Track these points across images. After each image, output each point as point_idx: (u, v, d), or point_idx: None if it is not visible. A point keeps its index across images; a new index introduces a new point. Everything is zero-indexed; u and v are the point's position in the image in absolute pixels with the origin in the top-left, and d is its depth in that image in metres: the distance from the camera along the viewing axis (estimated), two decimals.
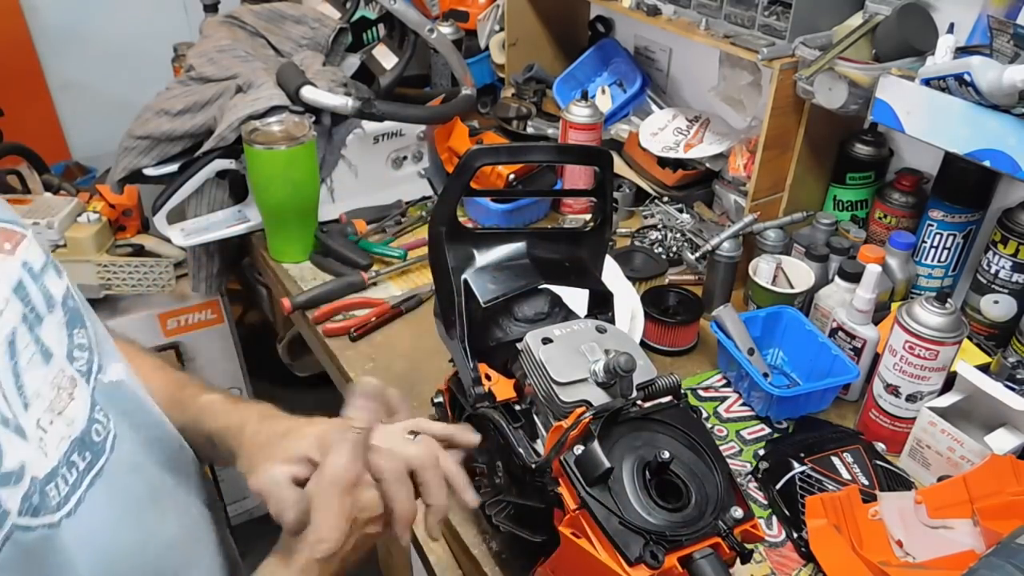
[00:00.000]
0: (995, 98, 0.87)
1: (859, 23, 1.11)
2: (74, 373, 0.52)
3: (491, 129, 1.60)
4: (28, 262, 0.51)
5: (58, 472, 0.48)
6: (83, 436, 0.51)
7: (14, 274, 0.50)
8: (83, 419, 0.51)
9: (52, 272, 0.54)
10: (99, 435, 0.52)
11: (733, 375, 1.12)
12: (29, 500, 0.44)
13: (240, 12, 1.55)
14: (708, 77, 1.52)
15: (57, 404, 0.49)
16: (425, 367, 1.13)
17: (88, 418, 0.52)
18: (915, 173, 1.18)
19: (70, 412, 0.50)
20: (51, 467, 0.47)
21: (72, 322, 0.54)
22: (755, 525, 0.64)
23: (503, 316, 0.80)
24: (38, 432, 0.47)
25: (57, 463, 0.48)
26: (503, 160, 0.95)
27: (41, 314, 0.51)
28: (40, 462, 0.46)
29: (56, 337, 0.52)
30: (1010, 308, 1.07)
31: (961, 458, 0.90)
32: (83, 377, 0.53)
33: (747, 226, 1.21)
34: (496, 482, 0.77)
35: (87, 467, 0.50)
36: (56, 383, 0.50)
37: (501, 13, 1.69)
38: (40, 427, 0.47)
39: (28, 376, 0.47)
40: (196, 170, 1.33)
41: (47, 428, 0.48)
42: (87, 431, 0.51)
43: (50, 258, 0.54)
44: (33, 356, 0.49)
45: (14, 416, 0.45)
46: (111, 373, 0.57)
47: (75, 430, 0.50)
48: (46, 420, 0.48)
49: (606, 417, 0.65)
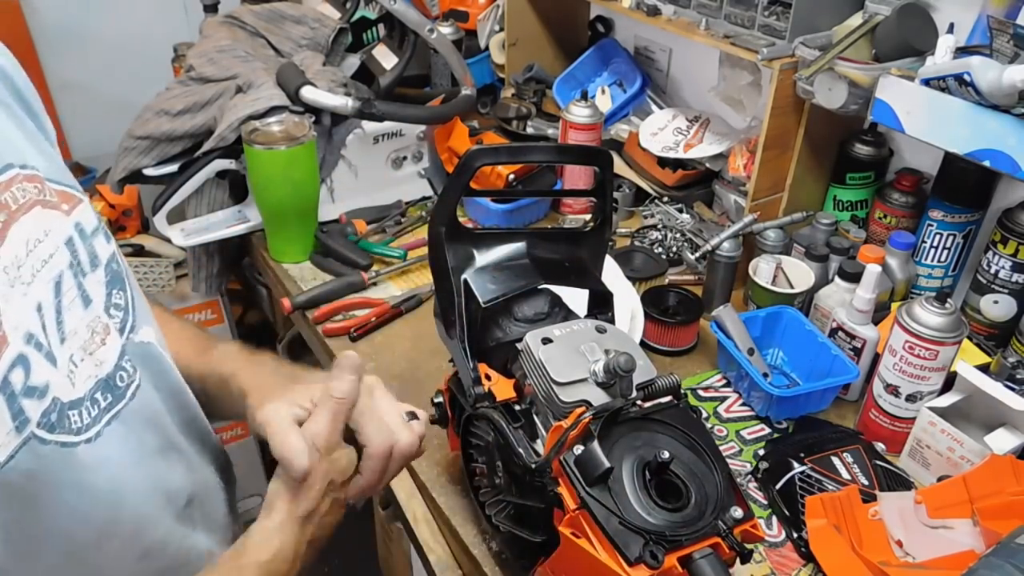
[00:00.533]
0: (995, 98, 0.87)
1: (859, 23, 1.11)
2: (108, 322, 0.57)
3: (491, 129, 1.60)
4: (81, 223, 0.57)
5: (82, 403, 0.52)
6: (108, 378, 0.55)
7: (67, 230, 0.55)
8: (111, 363, 0.56)
9: (102, 236, 0.59)
10: (123, 381, 0.57)
11: (733, 375, 1.12)
12: (48, 416, 0.49)
13: (240, 12, 1.55)
14: (708, 77, 1.52)
15: (90, 345, 0.54)
16: (425, 367, 1.13)
17: (115, 364, 0.56)
18: (915, 173, 1.18)
19: (100, 354, 0.55)
20: (76, 397, 0.52)
21: (112, 283, 0.59)
22: (755, 525, 0.64)
23: (503, 316, 0.80)
24: (69, 365, 0.52)
25: (83, 395, 0.53)
26: (503, 160, 0.95)
27: (86, 270, 0.56)
28: (66, 389, 0.51)
29: (96, 290, 0.57)
30: (1010, 308, 1.07)
31: (961, 458, 0.90)
32: (117, 331, 0.58)
33: (747, 226, 1.21)
34: (496, 482, 0.77)
35: (108, 406, 0.55)
36: (91, 327, 0.55)
37: (501, 13, 1.69)
38: (72, 361, 0.52)
39: (68, 315, 0.52)
40: (196, 170, 1.33)
41: (78, 364, 0.53)
42: (112, 375, 0.56)
43: (102, 224, 0.60)
44: (75, 299, 0.54)
45: (48, 346, 0.50)
46: (142, 334, 0.61)
47: (102, 371, 0.55)
48: (78, 357, 0.53)
49: (606, 417, 0.65)
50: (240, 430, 1.97)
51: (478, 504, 0.83)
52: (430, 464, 0.98)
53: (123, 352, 0.58)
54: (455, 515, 0.91)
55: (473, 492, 0.85)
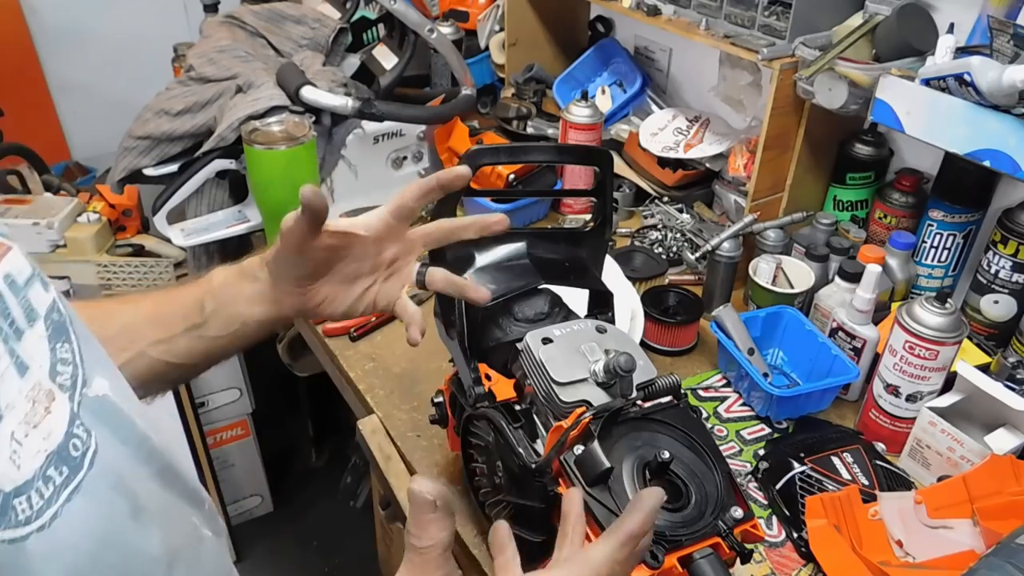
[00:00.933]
0: (995, 98, 0.87)
1: (859, 23, 1.11)
2: (52, 387, 0.51)
3: (491, 129, 1.60)
4: (11, 274, 0.51)
5: (32, 485, 0.47)
6: (59, 450, 0.50)
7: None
8: (60, 432, 0.50)
9: (38, 285, 0.53)
10: (77, 450, 0.51)
11: (733, 375, 1.12)
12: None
13: (240, 12, 1.55)
14: (708, 77, 1.52)
15: (32, 417, 0.48)
16: (425, 367, 1.13)
17: (66, 432, 0.50)
18: (915, 173, 1.18)
19: (47, 425, 0.49)
20: (23, 480, 0.46)
21: (55, 335, 0.53)
22: (755, 525, 0.64)
23: (503, 316, 0.80)
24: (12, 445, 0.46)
25: (32, 476, 0.47)
26: (503, 160, 0.95)
27: (21, 327, 0.50)
28: (10, 474, 0.45)
29: (35, 351, 0.50)
30: (1010, 308, 1.07)
31: (961, 458, 0.90)
32: (66, 392, 0.52)
33: (747, 226, 1.21)
34: (496, 482, 0.77)
35: (64, 482, 0.49)
36: (31, 396, 0.49)
37: (501, 13, 1.69)
38: (15, 439, 0.47)
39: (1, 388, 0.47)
40: (196, 170, 1.33)
41: (22, 441, 0.47)
42: (64, 445, 0.50)
43: (37, 271, 0.54)
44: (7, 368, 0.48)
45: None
46: (95, 387, 0.56)
47: (51, 443, 0.49)
48: (21, 432, 0.47)
49: (606, 417, 0.65)
50: (240, 430, 1.97)
51: (478, 504, 0.83)
52: (430, 464, 0.98)
53: (73, 417, 0.52)
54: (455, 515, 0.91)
55: (473, 492, 0.85)
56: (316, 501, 2.22)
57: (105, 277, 1.49)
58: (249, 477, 2.07)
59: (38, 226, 1.43)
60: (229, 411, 1.91)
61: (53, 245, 1.45)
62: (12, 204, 1.48)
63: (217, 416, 1.90)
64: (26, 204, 1.49)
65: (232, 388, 1.89)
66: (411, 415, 1.05)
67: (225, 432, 1.95)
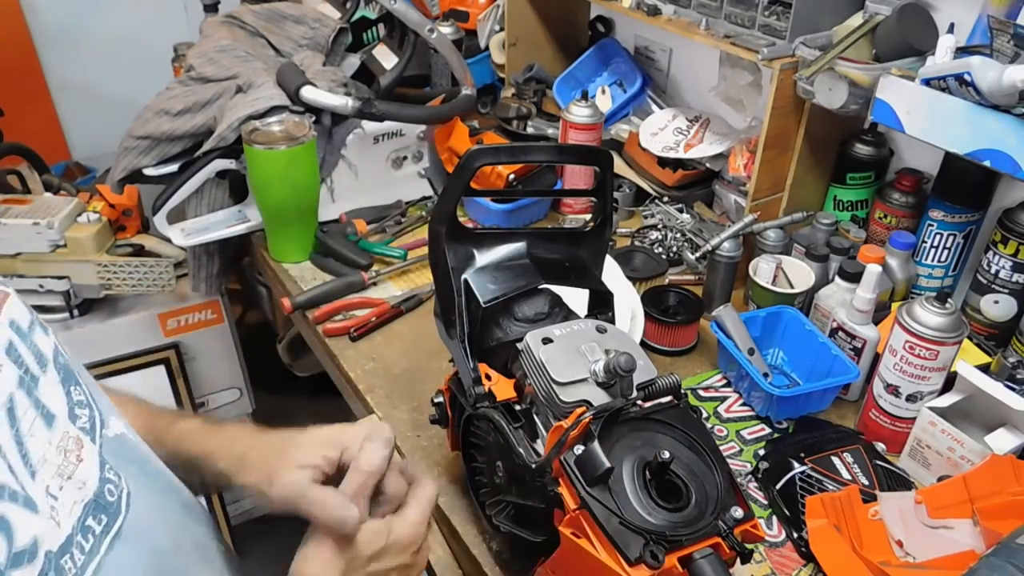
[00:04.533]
0: (995, 98, 0.87)
1: (859, 23, 1.11)
2: (78, 433, 0.50)
3: (491, 129, 1.60)
4: (15, 321, 0.49)
5: (73, 540, 0.45)
6: (96, 498, 0.48)
7: (3, 335, 0.47)
8: (95, 480, 0.49)
9: (39, 330, 0.51)
10: (113, 495, 0.50)
11: (733, 375, 1.12)
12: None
13: (240, 12, 1.55)
14: (708, 77, 1.52)
15: (66, 468, 0.47)
16: (425, 367, 1.13)
17: (99, 479, 0.49)
18: (915, 173, 1.18)
19: (80, 474, 0.48)
20: (65, 536, 0.45)
21: (67, 379, 0.51)
22: (755, 525, 0.64)
23: (503, 316, 0.80)
24: (48, 500, 0.44)
25: (72, 531, 0.45)
26: (503, 160, 0.95)
27: (36, 375, 0.48)
28: (53, 533, 0.44)
29: (55, 397, 0.49)
30: (1010, 308, 1.07)
31: (961, 458, 0.90)
32: (88, 435, 0.51)
33: (747, 226, 1.21)
34: (496, 482, 0.77)
35: (104, 530, 0.48)
36: (62, 446, 0.47)
37: (501, 13, 1.69)
38: (50, 494, 0.45)
39: (32, 442, 0.45)
40: (196, 170, 1.33)
41: (57, 495, 0.45)
42: (100, 492, 0.49)
43: (35, 315, 0.52)
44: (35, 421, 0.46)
45: (22, 488, 0.43)
46: (112, 427, 0.55)
47: (88, 493, 0.48)
48: (55, 486, 0.45)
49: (606, 417, 0.65)
50: None
51: (478, 504, 0.83)
52: (430, 464, 0.98)
53: (103, 462, 0.50)
54: (455, 515, 0.91)
55: (473, 492, 0.85)
56: None
57: (105, 277, 1.49)
58: None
59: (38, 226, 1.43)
60: (229, 411, 1.91)
61: (53, 245, 1.45)
62: (12, 204, 1.48)
63: (217, 416, 1.90)
64: (26, 204, 1.49)
65: (232, 388, 1.89)
66: (411, 415, 1.05)
67: None
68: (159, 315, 1.66)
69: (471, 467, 0.85)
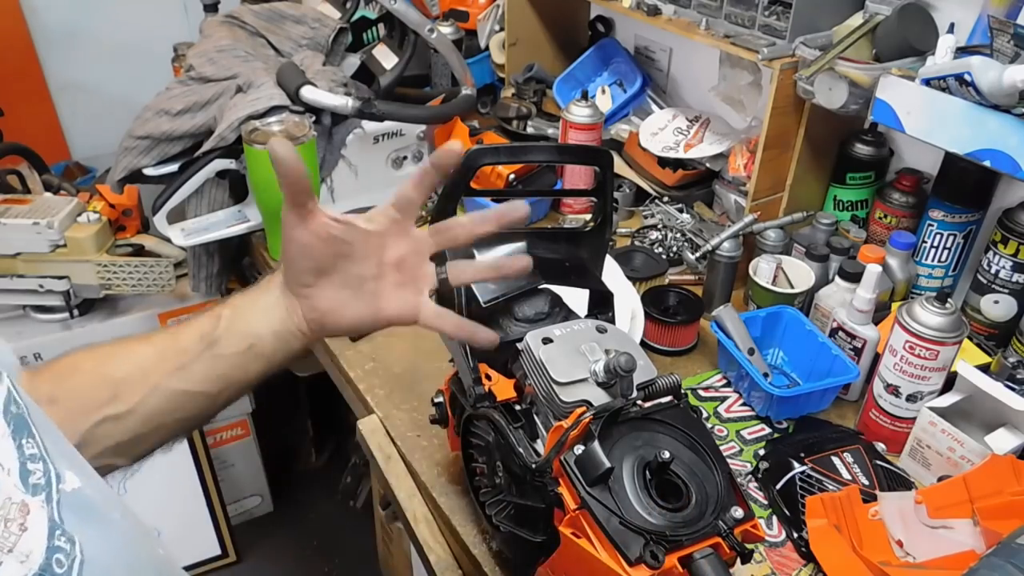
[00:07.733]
0: (995, 98, 0.87)
1: (859, 23, 1.11)
2: (25, 497, 0.45)
3: (491, 129, 1.60)
4: None
5: None
6: (42, 572, 0.43)
7: None
8: (41, 550, 0.44)
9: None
10: (62, 566, 0.45)
11: (733, 375, 1.12)
12: None
13: (240, 12, 1.55)
14: (708, 77, 1.52)
15: (6, 541, 0.42)
16: (425, 367, 1.13)
17: (47, 548, 0.44)
18: (915, 173, 1.18)
19: (24, 546, 0.43)
20: None
21: (18, 431, 0.47)
22: (755, 525, 0.64)
23: (503, 316, 0.80)
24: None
25: None
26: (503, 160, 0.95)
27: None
28: None
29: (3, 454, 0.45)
30: (1010, 308, 1.07)
31: (961, 458, 0.90)
32: (41, 493, 0.46)
33: (747, 226, 1.21)
34: (496, 482, 0.77)
35: None
36: (2, 515, 0.43)
37: (501, 13, 1.69)
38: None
39: None
40: (196, 170, 1.33)
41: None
42: (47, 564, 0.44)
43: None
44: None
45: None
46: (69, 481, 0.49)
47: (32, 566, 0.43)
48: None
49: (606, 417, 0.65)
50: (240, 430, 1.97)
51: (478, 504, 0.83)
52: (430, 464, 0.98)
53: (53, 528, 0.45)
54: (455, 515, 0.91)
55: (473, 492, 0.85)
56: (316, 501, 2.23)
57: (105, 277, 1.49)
58: (249, 477, 2.07)
59: (38, 226, 1.43)
60: (229, 411, 1.89)
61: (53, 245, 1.45)
62: (12, 204, 1.48)
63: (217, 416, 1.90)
64: (26, 204, 1.49)
65: None
66: (411, 415, 1.05)
67: (225, 432, 1.95)
68: (159, 315, 1.66)
69: (471, 467, 0.85)
